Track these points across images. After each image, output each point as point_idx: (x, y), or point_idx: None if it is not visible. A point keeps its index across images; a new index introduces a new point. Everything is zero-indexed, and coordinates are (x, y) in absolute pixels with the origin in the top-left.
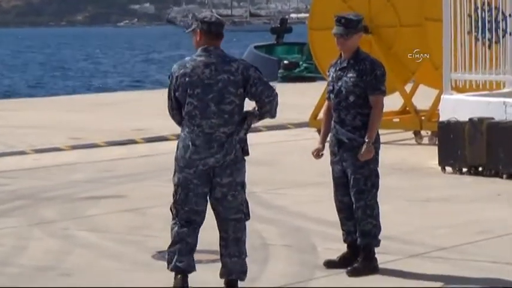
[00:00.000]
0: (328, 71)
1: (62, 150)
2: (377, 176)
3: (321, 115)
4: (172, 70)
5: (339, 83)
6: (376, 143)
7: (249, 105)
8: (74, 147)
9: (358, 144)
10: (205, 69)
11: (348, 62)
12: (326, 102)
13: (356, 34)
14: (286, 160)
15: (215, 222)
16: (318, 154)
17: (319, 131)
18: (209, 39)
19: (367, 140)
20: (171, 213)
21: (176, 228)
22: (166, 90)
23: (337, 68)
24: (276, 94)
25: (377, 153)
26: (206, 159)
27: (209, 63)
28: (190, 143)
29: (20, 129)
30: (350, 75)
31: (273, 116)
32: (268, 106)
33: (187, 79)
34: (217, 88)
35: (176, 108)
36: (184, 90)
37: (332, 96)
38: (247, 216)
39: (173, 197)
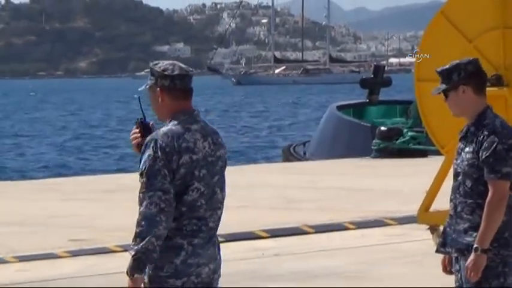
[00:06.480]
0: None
1: (58, 258)
2: None
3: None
4: (162, 143)
5: (457, 161)
6: (504, 249)
7: None
8: (76, 254)
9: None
10: (204, 143)
11: (467, 130)
12: None
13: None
14: (384, 273)
15: None
16: (446, 267)
17: (432, 229)
18: (180, 99)
19: (474, 246)
20: None
21: None
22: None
23: (460, 138)
24: None
25: (505, 264)
26: (202, 267)
27: (205, 134)
28: (185, 243)
29: None
30: (467, 149)
31: None
32: None
33: (194, 157)
34: (219, 168)
35: (174, 198)
36: (190, 172)
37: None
38: None
39: None
